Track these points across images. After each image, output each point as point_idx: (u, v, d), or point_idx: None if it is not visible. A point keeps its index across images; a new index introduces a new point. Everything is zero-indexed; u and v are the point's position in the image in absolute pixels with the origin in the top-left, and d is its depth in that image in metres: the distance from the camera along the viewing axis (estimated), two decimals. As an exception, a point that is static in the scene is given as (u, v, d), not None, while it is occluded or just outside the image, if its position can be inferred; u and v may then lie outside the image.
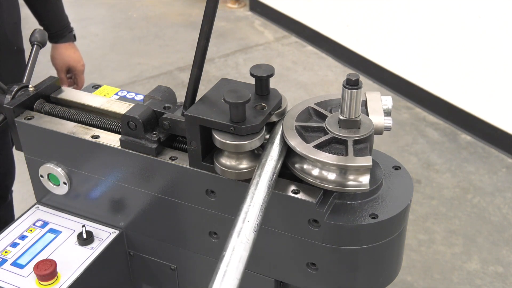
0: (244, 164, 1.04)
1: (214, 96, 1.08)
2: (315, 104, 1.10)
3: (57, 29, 2.02)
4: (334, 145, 1.02)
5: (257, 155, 1.06)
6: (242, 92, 1.00)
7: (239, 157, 1.04)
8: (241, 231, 0.89)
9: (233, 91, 1.00)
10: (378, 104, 1.11)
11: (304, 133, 1.04)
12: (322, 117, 1.08)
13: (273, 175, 0.98)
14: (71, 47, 2.08)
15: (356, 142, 1.01)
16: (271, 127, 1.10)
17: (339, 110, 1.04)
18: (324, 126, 1.04)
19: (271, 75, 1.07)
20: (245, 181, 1.05)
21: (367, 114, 1.08)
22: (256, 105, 1.06)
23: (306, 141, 1.02)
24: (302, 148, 1.00)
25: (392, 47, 4.05)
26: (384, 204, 1.05)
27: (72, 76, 2.14)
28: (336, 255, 1.05)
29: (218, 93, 1.08)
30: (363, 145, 1.03)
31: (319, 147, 1.01)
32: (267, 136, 1.09)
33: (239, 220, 0.91)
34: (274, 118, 1.08)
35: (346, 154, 1.00)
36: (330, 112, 1.10)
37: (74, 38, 2.10)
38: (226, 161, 1.04)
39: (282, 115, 1.09)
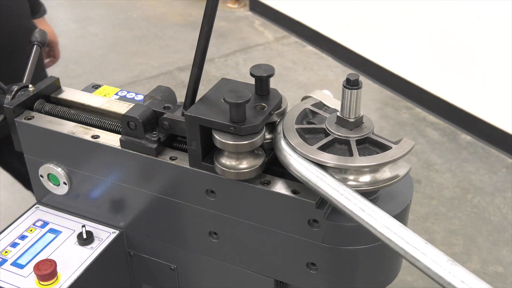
0: (244, 164, 1.04)
1: (214, 96, 1.08)
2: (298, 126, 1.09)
3: (31, 6, 2.07)
4: (365, 145, 1.03)
5: (257, 155, 1.06)
6: (242, 92, 1.00)
7: (239, 157, 1.04)
8: (420, 245, 0.84)
9: (233, 91, 1.00)
10: (333, 100, 1.13)
11: (326, 148, 1.03)
12: (314, 132, 1.08)
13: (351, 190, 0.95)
14: (45, 21, 2.15)
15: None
16: (271, 127, 1.10)
17: (338, 112, 1.05)
18: (339, 136, 1.03)
19: (271, 75, 1.07)
20: (245, 181, 1.06)
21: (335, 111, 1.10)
22: (256, 105, 1.06)
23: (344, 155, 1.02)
24: (355, 162, 0.98)
25: (392, 47, 4.05)
26: (384, 204, 1.05)
27: (49, 49, 2.22)
28: (336, 255, 1.05)
29: (218, 93, 1.08)
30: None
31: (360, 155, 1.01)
32: (268, 136, 1.09)
33: (403, 239, 0.85)
34: (274, 118, 1.08)
35: (381, 151, 1.01)
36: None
37: (45, 11, 2.17)
38: (226, 161, 1.04)
39: (282, 115, 1.09)
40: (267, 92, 1.09)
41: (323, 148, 1.00)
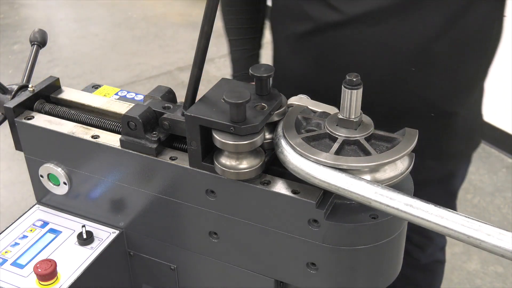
0: (244, 164, 1.04)
1: (214, 96, 1.08)
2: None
3: None
4: (372, 142, 1.04)
5: (257, 155, 1.06)
6: (242, 92, 1.00)
7: (239, 157, 1.04)
8: (480, 226, 0.86)
9: (233, 91, 1.00)
10: (315, 103, 1.14)
11: (339, 152, 1.03)
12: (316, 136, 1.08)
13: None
14: None
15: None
16: (272, 127, 1.10)
17: (338, 113, 1.05)
18: (347, 137, 1.03)
19: (271, 75, 1.07)
20: (245, 181, 1.06)
21: (324, 114, 1.11)
22: (256, 105, 1.06)
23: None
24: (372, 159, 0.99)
25: (392, 47, 4.04)
26: (384, 204, 1.05)
27: None
28: (336, 255, 1.05)
29: (218, 93, 1.08)
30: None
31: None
32: (268, 136, 1.09)
33: (463, 224, 0.86)
34: (274, 118, 1.08)
35: (390, 144, 1.02)
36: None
37: None
38: (226, 161, 1.04)
39: (282, 115, 1.09)
40: (267, 92, 1.09)
41: (337, 153, 1.01)
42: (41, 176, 1.29)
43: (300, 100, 1.15)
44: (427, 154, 1.35)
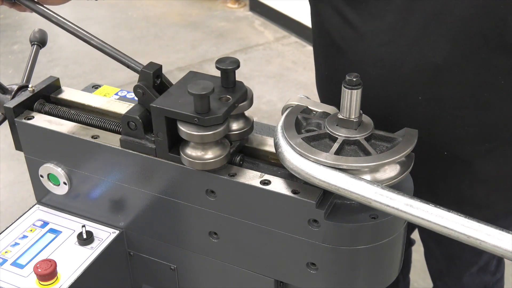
0: (209, 154, 1.06)
1: (180, 88, 1.10)
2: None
3: None
4: (372, 142, 1.05)
5: (222, 145, 1.08)
6: (205, 84, 1.02)
7: (205, 148, 1.06)
8: (480, 227, 0.86)
9: (197, 83, 1.03)
10: (315, 103, 1.15)
11: (339, 152, 1.03)
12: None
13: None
14: None
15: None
16: (242, 119, 1.13)
17: (339, 114, 1.05)
18: (347, 137, 1.03)
19: (236, 68, 1.09)
20: (245, 181, 1.06)
21: (324, 114, 1.11)
22: (221, 97, 1.08)
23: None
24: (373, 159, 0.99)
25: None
26: (384, 204, 1.05)
27: None
28: (336, 255, 1.05)
29: (185, 85, 1.09)
30: None
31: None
32: (235, 127, 1.12)
33: (463, 225, 0.87)
34: (241, 109, 1.11)
35: (390, 144, 1.03)
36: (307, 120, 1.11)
37: None
38: (192, 152, 1.07)
39: (249, 106, 1.12)
40: (233, 84, 1.11)
41: (337, 153, 1.01)
42: (41, 176, 1.29)
43: (300, 100, 1.15)
44: (444, 197, 1.25)
